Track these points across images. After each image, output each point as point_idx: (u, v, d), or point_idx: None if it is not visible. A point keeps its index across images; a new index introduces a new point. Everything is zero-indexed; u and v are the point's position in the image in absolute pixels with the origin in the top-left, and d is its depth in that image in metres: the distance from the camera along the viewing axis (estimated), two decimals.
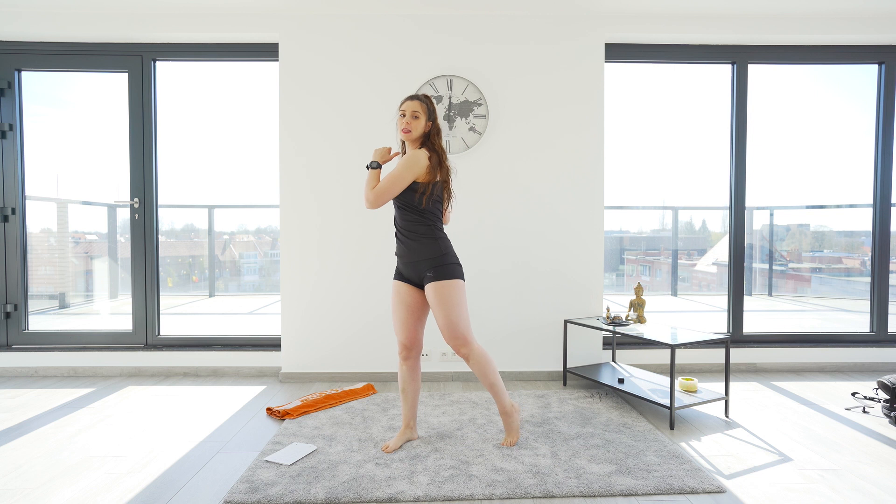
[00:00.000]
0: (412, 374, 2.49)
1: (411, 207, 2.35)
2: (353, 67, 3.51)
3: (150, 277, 3.76)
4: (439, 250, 2.36)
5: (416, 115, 2.35)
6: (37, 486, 2.11)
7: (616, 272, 5.65)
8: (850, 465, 2.29)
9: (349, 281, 3.55)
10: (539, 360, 3.59)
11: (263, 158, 4.20)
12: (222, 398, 3.19)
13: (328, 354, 3.57)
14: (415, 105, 2.35)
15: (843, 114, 4.43)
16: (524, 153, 3.54)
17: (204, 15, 3.53)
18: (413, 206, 2.34)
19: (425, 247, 2.36)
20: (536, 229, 3.54)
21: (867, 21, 3.64)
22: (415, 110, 2.35)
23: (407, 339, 2.44)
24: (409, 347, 2.45)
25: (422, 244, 2.36)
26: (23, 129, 3.74)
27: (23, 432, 2.66)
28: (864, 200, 3.97)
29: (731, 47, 3.74)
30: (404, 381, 2.49)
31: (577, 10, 3.51)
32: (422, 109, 2.36)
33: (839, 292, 5.27)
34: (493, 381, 2.42)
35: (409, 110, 2.35)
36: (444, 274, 2.34)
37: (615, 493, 2.05)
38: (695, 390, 2.93)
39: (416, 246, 2.36)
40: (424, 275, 2.37)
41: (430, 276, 2.35)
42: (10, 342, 3.77)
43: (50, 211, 4.09)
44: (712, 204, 5.14)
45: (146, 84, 3.71)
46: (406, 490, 2.06)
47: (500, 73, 3.52)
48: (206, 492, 2.08)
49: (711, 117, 4.12)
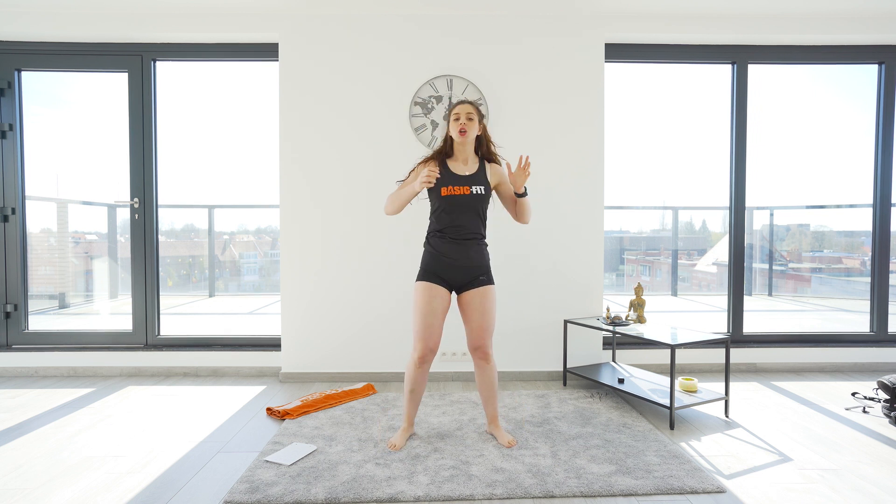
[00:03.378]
0: (425, 377, 2.49)
1: (484, 213, 2.46)
2: (353, 67, 3.51)
3: (150, 277, 3.76)
4: (489, 256, 2.52)
5: (471, 118, 2.42)
6: (37, 486, 2.11)
7: (616, 272, 5.65)
8: (850, 465, 2.29)
9: (349, 281, 3.55)
10: (539, 360, 3.59)
11: (263, 158, 4.20)
12: (222, 398, 3.19)
13: (328, 354, 3.57)
14: (469, 108, 2.43)
15: (843, 114, 4.43)
16: (524, 152, 3.53)
17: (204, 15, 3.53)
18: (485, 212, 2.47)
19: (486, 253, 2.50)
20: (537, 228, 3.54)
21: (867, 21, 3.64)
22: (469, 112, 2.42)
23: (435, 344, 2.43)
24: (433, 352, 2.43)
25: (484, 250, 2.49)
26: (23, 129, 3.74)
27: (23, 432, 2.66)
28: (864, 200, 3.97)
29: (731, 47, 3.74)
30: (416, 382, 2.47)
31: (576, 10, 3.51)
32: (475, 111, 2.45)
33: (839, 292, 5.27)
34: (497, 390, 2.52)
35: (464, 112, 2.42)
36: (492, 279, 2.49)
37: (615, 493, 2.05)
38: (695, 390, 2.93)
39: (480, 251, 2.45)
40: (476, 278, 2.43)
41: (483, 279, 2.44)
42: (10, 342, 3.77)
43: (50, 211, 4.09)
44: (712, 204, 5.15)
45: (146, 84, 3.71)
46: (406, 490, 2.06)
47: (500, 73, 3.52)
48: (206, 492, 2.08)
49: (711, 117, 4.12)
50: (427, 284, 2.41)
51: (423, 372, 2.46)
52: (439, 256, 2.42)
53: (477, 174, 2.44)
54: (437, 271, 2.42)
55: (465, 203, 2.38)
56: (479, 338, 2.42)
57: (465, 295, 2.44)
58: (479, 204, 2.41)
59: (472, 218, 2.41)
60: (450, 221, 2.40)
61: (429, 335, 2.40)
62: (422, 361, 2.42)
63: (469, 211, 2.39)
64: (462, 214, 2.39)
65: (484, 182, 2.43)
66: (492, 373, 2.46)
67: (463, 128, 2.39)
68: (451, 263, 2.40)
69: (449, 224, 2.41)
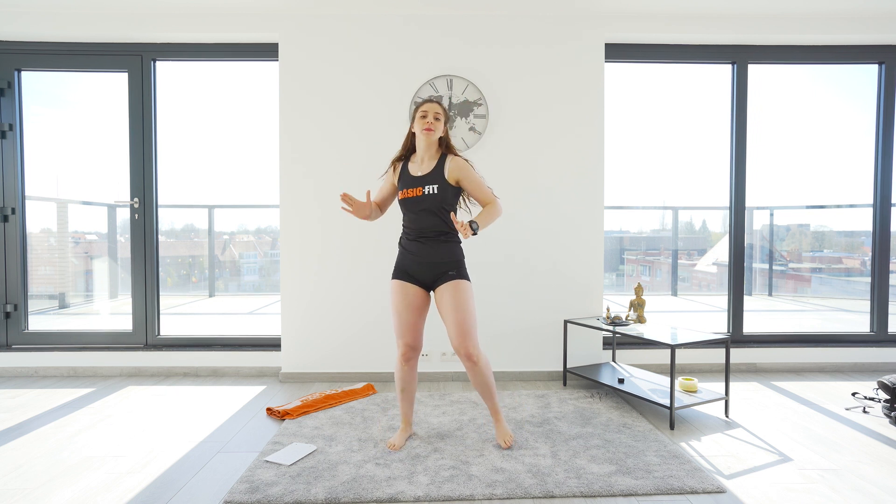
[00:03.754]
0: (413, 375, 2.50)
1: (445, 210, 2.40)
2: (354, 67, 3.51)
3: (150, 277, 3.76)
4: (461, 252, 2.49)
5: (438, 117, 2.42)
6: (37, 486, 2.11)
7: (616, 272, 5.65)
8: (850, 465, 2.29)
9: (349, 281, 3.55)
10: (539, 360, 3.59)
11: (263, 158, 4.20)
12: (222, 398, 3.19)
13: (328, 354, 3.57)
14: (437, 108, 2.44)
15: (843, 114, 4.43)
16: (524, 153, 3.54)
17: (204, 15, 3.53)
18: (447, 208, 2.40)
19: (452, 249, 2.44)
20: (537, 228, 3.54)
21: (867, 21, 3.64)
22: (437, 112, 2.42)
23: (414, 340, 2.44)
24: (414, 348, 2.45)
25: (450, 246, 2.43)
26: (23, 129, 3.74)
27: (23, 432, 2.66)
28: (864, 200, 3.97)
29: (731, 47, 3.74)
30: (405, 381, 2.49)
31: (577, 10, 3.51)
32: (443, 112, 2.45)
33: (839, 292, 5.27)
34: (493, 387, 2.47)
35: (433, 111, 2.41)
36: (464, 274, 2.45)
37: (615, 493, 2.05)
38: (695, 390, 2.93)
39: (445, 248, 2.42)
40: (444, 274, 2.40)
41: (452, 274, 2.41)
42: (10, 342, 3.77)
43: (50, 211, 4.09)
44: (712, 204, 5.14)
45: (146, 84, 3.71)
46: (406, 490, 2.06)
47: (501, 73, 3.52)
48: (206, 492, 2.08)
49: (711, 117, 4.12)
50: (397, 282, 2.46)
51: (411, 370, 2.47)
52: (406, 254, 2.46)
53: (432, 173, 2.40)
54: (406, 268, 2.45)
55: (419, 203, 2.38)
56: (457, 337, 2.36)
57: (437, 291, 2.43)
58: (433, 203, 2.37)
59: (429, 216, 2.39)
60: (410, 222, 2.44)
61: (406, 331, 2.42)
62: (406, 359, 2.45)
63: (425, 211, 2.39)
64: (419, 215, 2.40)
65: (438, 180, 2.38)
66: (482, 373, 2.41)
67: (430, 126, 2.39)
68: (418, 261, 2.43)
69: (410, 224, 2.45)
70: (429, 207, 2.38)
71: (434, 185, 2.38)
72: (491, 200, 2.43)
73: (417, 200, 2.38)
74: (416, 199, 2.39)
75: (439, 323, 3.37)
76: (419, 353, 2.49)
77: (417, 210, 2.39)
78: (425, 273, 2.43)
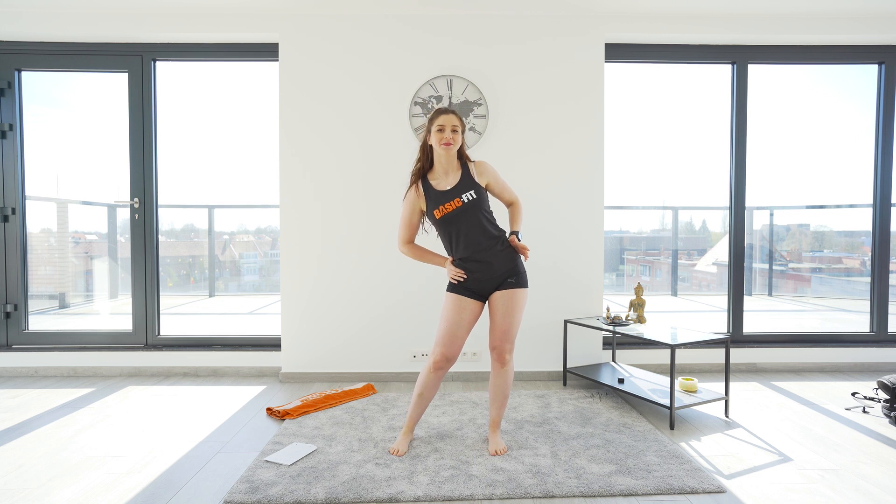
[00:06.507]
0: (437, 385, 2.44)
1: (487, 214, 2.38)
2: (353, 67, 3.51)
3: (150, 277, 3.76)
4: (518, 256, 2.41)
5: (456, 130, 2.34)
6: (37, 486, 2.11)
7: (616, 272, 5.65)
8: (850, 465, 2.29)
9: (349, 281, 3.55)
10: (539, 360, 3.59)
11: (263, 158, 4.20)
12: (222, 398, 3.19)
13: (328, 354, 3.57)
14: (454, 120, 2.33)
15: (843, 114, 4.43)
16: (524, 153, 3.54)
17: (204, 15, 3.53)
18: (488, 212, 2.39)
19: (512, 255, 2.38)
20: (537, 228, 3.54)
21: (867, 21, 3.64)
22: (455, 125, 2.33)
23: (452, 352, 2.38)
24: (449, 360, 2.38)
25: (508, 253, 2.37)
26: (23, 129, 3.74)
27: (23, 432, 2.66)
28: (864, 200, 3.97)
29: (731, 47, 3.74)
30: (427, 387, 2.42)
31: (577, 10, 3.51)
32: (460, 123, 2.36)
33: (839, 292, 5.27)
34: (507, 397, 2.48)
35: (450, 125, 2.32)
36: (524, 281, 2.40)
37: (615, 493, 2.05)
38: (695, 390, 2.93)
39: (504, 256, 2.37)
40: (504, 281, 2.36)
41: (511, 282, 2.37)
42: (10, 342, 3.77)
43: (50, 211, 4.09)
44: (712, 204, 5.15)
45: (146, 84, 3.71)
46: (406, 490, 2.06)
47: (501, 73, 3.52)
48: (206, 492, 2.08)
49: (711, 117, 4.12)
50: (455, 296, 2.38)
51: (437, 378, 2.41)
52: (469, 273, 2.38)
53: (463, 182, 2.36)
54: (467, 285, 2.39)
55: (462, 214, 2.33)
56: (498, 338, 2.37)
57: (494, 295, 2.39)
58: (475, 210, 2.33)
59: (476, 225, 2.34)
60: (457, 240, 2.36)
61: (449, 342, 2.36)
62: (437, 367, 2.37)
63: (470, 220, 2.33)
64: (465, 226, 2.34)
65: (472, 185, 2.36)
66: (506, 377, 2.40)
67: (448, 141, 2.32)
68: (480, 278, 2.37)
69: (458, 241, 2.36)
70: (472, 216, 2.33)
71: (471, 192, 2.33)
72: (515, 199, 2.47)
73: (459, 212, 2.32)
74: (458, 210, 2.32)
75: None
76: (451, 365, 2.42)
77: (460, 222, 2.33)
78: (486, 287, 2.38)
